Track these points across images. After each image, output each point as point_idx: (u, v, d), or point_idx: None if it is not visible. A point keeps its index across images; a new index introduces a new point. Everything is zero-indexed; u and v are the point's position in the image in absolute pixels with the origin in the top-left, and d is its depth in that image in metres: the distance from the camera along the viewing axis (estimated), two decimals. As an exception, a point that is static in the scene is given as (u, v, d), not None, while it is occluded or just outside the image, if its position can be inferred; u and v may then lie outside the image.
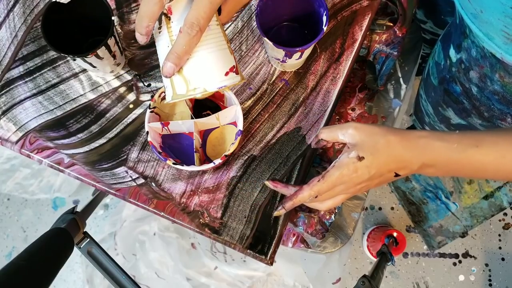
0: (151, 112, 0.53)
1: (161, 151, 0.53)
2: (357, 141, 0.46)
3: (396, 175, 0.46)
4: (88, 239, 0.64)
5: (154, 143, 0.52)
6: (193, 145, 0.55)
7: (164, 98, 0.55)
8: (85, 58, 0.53)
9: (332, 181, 0.47)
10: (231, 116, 0.56)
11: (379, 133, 0.45)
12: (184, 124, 0.55)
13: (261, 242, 0.59)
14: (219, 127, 0.59)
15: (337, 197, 0.50)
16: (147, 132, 0.52)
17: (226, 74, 0.43)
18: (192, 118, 0.55)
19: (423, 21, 0.84)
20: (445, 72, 0.65)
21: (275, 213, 0.52)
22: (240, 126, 0.52)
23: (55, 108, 0.62)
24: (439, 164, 0.44)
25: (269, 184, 0.56)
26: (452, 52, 0.61)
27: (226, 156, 0.51)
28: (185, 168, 0.51)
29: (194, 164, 0.53)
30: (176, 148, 0.58)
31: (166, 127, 0.55)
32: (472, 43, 0.55)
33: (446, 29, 0.68)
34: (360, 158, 0.45)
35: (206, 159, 0.59)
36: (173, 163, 0.51)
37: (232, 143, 0.52)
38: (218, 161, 0.51)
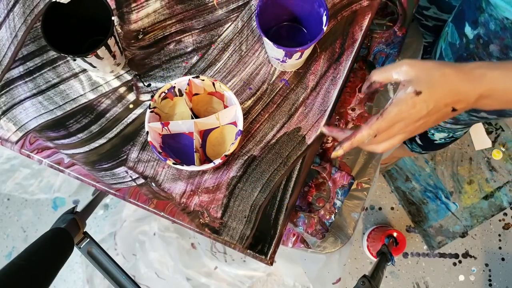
0: (151, 112, 0.53)
1: (161, 151, 0.53)
2: (412, 76, 0.45)
3: (453, 109, 0.45)
4: (88, 239, 0.64)
5: (154, 143, 0.52)
6: (193, 145, 0.55)
7: (164, 98, 0.55)
8: (85, 58, 0.53)
9: (391, 118, 0.46)
10: (231, 116, 0.56)
11: (433, 67, 0.44)
12: (184, 124, 0.55)
13: (261, 242, 0.59)
14: (219, 127, 0.59)
15: (394, 138, 0.48)
16: (147, 132, 0.52)
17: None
18: (192, 118, 0.55)
19: (426, 7, 0.83)
20: (461, 50, 0.65)
21: (333, 154, 0.51)
22: (240, 126, 0.52)
23: (55, 108, 0.62)
24: (496, 94, 0.43)
25: (324, 129, 0.56)
26: (468, 29, 0.61)
27: (226, 156, 0.51)
28: (185, 168, 0.51)
29: (194, 164, 0.53)
30: (176, 148, 0.58)
31: (166, 127, 0.55)
32: (489, 16, 0.54)
33: (457, 8, 0.67)
34: (418, 93, 0.44)
35: (206, 159, 0.59)
36: (173, 163, 0.51)
37: (232, 143, 0.52)
38: (218, 161, 0.51)
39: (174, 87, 0.54)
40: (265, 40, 0.53)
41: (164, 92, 0.54)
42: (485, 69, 0.43)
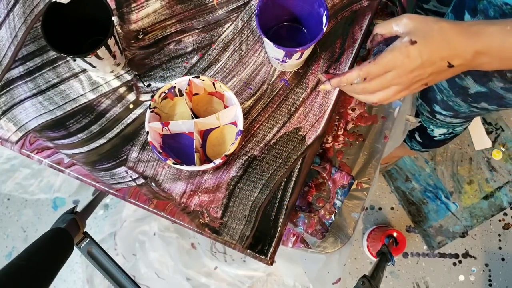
0: (151, 112, 0.53)
1: (161, 151, 0.53)
2: (410, 28, 0.45)
3: (450, 65, 0.45)
4: (88, 239, 0.64)
5: (154, 143, 0.52)
6: (193, 145, 0.55)
7: (164, 98, 0.55)
8: (85, 58, 0.53)
9: (383, 64, 0.46)
10: (231, 116, 0.56)
11: (432, 20, 0.45)
12: (184, 124, 0.55)
13: (261, 242, 0.59)
14: (219, 127, 0.59)
15: (389, 88, 0.48)
16: (147, 132, 0.52)
17: None
18: (192, 118, 0.55)
19: (425, 1, 0.83)
20: None
21: (321, 87, 0.52)
22: (240, 126, 0.52)
23: (55, 108, 0.62)
24: (493, 50, 0.43)
25: (322, 76, 0.56)
26: (467, 17, 0.61)
27: (226, 156, 0.51)
28: (185, 168, 0.51)
29: (194, 164, 0.53)
30: (176, 148, 0.58)
31: (166, 127, 0.55)
32: (488, 3, 0.54)
33: None
34: (413, 42, 0.44)
35: (206, 159, 0.59)
36: (173, 163, 0.51)
37: (232, 143, 0.52)
38: (218, 161, 0.51)
39: (174, 87, 0.54)
40: (265, 40, 0.53)
41: (164, 92, 0.54)
42: (482, 24, 0.43)
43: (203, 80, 0.53)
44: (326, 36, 0.64)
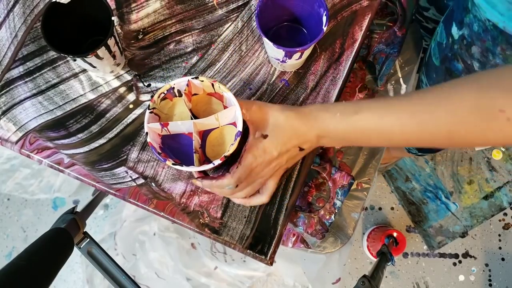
0: (150, 112, 0.53)
1: (160, 151, 0.53)
2: (257, 119, 0.50)
3: (301, 149, 0.50)
4: (88, 239, 0.64)
5: (154, 143, 0.52)
6: (193, 146, 0.55)
7: (163, 99, 0.55)
8: (85, 58, 0.53)
9: (248, 164, 0.50)
10: (231, 116, 0.56)
11: (277, 109, 0.49)
12: (183, 124, 0.55)
13: (261, 242, 0.59)
14: (218, 127, 0.59)
15: (255, 182, 0.52)
16: (147, 133, 0.52)
17: None
18: (191, 118, 0.55)
19: (425, 8, 0.84)
20: (447, 50, 0.65)
21: (193, 181, 0.56)
22: (240, 127, 0.52)
23: (55, 108, 0.62)
24: (330, 133, 0.48)
25: (195, 173, 0.57)
26: (454, 29, 0.62)
27: (225, 157, 0.51)
28: (184, 168, 0.51)
29: (194, 165, 0.53)
30: (176, 148, 0.58)
31: (165, 128, 0.55)
32: (474, 17, 0.55)
33: (448, 9, 0.68)
34: (265, 136, 0.49)
35: (205, 160, 0.58)
36: (173, 164, 0.51)
37: (232, 144, 0.52)
38: (217, 162, 0.51)
39: (173, 87, 0.54)
40: (265, 40, 0.53)
41: (163, 93, 0.54)
42: (318, 111, 0.48)
43: (202, 81, 0.53)
44: (326, 36, 0.64)
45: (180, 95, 0.56)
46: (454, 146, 1.30)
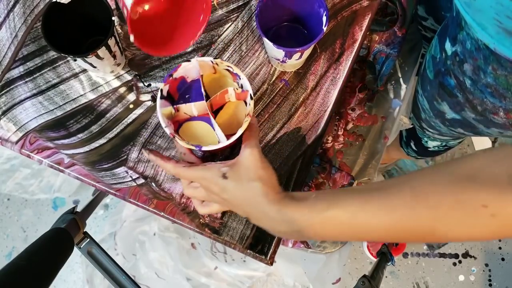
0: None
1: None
2: (238, 162, 0.47)
3: (247, 219, 0.47)
4: (88, 239, 0.64)
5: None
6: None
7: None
8: (86, 58, 0.53)
9: (192, 174, 0.49)
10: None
11: (255, 172, 0.46)
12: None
13: (261, 242, 0.59)
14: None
15: (198, 190, 0.51)
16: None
17: None
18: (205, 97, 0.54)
19: (424, 18, 0.84)
20: (440, 65, 0.65)
21: (143, 150, 0.55)
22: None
23: (55, 108, 0.62)
24: (304, 230, 0.43)
25: (145, 152, 0.57)
26: (447, 45, 0.62)
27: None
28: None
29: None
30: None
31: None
32: (467, 35, 0.55)
33: (444, 22, 0.68)
34: (225, 177, 0.46)
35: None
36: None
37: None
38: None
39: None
40: (265, 40, 0.53)
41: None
42: (290, 203, 0.44)
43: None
44: (326, 36, 0.64)
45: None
46: (437, 242, 1.26)
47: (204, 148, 0.50)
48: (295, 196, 0.44)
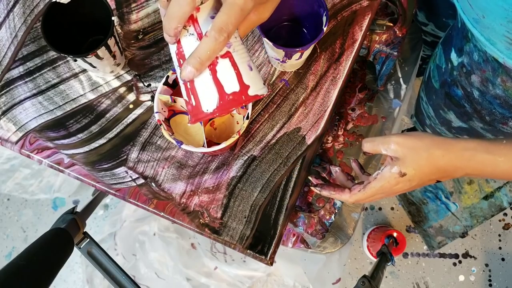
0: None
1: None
2: (400, 155, 0.46)
3: (438, 181, 0.47)
4: (88, 239, 0.64)
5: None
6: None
7: None
8: (85, 58, 0.53)
9: (372, 192, 0.49)
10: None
11: (422, 147, 0.45)
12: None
13: (261, 242, 0.59)
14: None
15: (373, 198, 0.51)
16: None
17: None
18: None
19: (424, 24, 0.84)
20: (446, 75, 0.65)
21: (312, 187, 0.55)
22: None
23: (55, 108, 0.62)
24: (483, 174, 0.44)
25: (313, 180, 0.58)
26: (453, 55, 0.61)
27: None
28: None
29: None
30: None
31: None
32: (474, 47, 0.54)
33: (447, 32, 0.68)
34: (403, 174, 0.46)
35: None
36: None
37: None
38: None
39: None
40: (265, 40, 0.53)
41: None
42: (475, 151, 0.44)
43: None
44: (326, 36, 0.64)
45: None
46: None
47: (183, 147, 0.50)
48: (478, 143, 0.44)
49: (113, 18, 0.52)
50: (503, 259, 1.39)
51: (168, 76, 0.53)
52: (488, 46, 0.47)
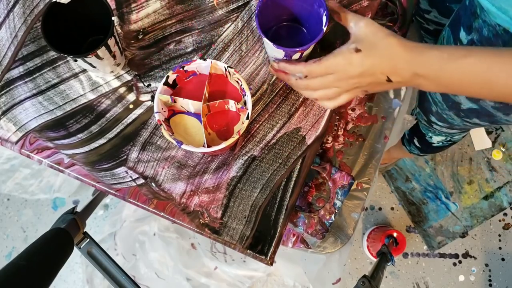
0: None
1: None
2: (361, 34, 0.48)
3: (388, 79, 0.48)
4: (88, 239, 0.64)
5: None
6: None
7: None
8: (85, 58, 0.53)
9: (325, 65, 0.49)
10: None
11: (384, 32, 0.47)
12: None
13: (261, 242, 0.59)
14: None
15: (329, 89, 0.51)
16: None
17: None
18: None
19: (427, 11, 0.83)
20: None
21: (271, 63, 0.56)
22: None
23: (55, 108, 0.62)
24: (430, 74, 0.45)
25: (274, 62, 0.57)
26: (462, 34, 0.61)
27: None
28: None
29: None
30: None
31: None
32: (483, 22, 0.54)
33: (454, 13, 0.68)
34: (357, 50, 0.47)
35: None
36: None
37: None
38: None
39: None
40: (265, 40, 0.53)
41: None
42: (424, 47, 0.45)
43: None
44: (326, 36, 0.64)
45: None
46: None
47: (183, 147, 0.50)
48: (430, 45, 0.46)
49: (113, 18, 0.52)
50: (503, 259, 1.39)
51: (168, 76, 0.53)
52: (500, 16, 0.47)
